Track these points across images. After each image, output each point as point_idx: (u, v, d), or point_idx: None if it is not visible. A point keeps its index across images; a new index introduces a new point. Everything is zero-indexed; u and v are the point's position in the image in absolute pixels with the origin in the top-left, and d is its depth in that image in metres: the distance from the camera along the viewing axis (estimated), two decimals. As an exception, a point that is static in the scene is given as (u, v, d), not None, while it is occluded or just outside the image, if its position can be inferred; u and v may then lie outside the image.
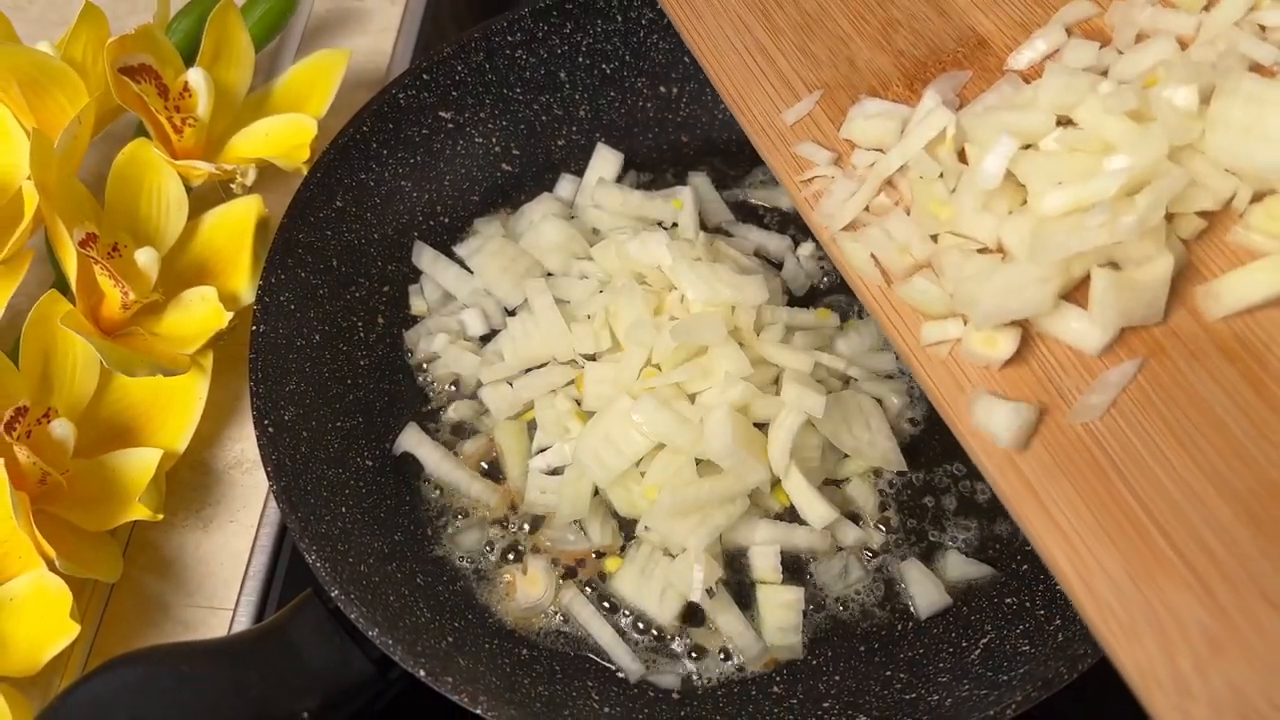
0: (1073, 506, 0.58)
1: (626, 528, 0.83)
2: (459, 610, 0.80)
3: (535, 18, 0.97)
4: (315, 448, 0.81)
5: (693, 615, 0.80)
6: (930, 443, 0.86)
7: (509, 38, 0.97)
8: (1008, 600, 0.80)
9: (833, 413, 0.82)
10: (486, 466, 0.87)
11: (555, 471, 0.84)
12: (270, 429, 0.78)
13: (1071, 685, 0.68)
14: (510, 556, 0.83)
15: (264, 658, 0.71)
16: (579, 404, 0.85)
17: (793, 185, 0.78)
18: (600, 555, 0.83)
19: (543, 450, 0.85)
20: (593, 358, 0.86)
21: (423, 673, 0.68)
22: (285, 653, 0.71)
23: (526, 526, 0.84)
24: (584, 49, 1.00)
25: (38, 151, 0.83)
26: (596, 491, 0.82)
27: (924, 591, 0.80)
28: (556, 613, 0.81)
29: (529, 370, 0.89)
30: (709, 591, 0.78)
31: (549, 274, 0.93)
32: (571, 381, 0.86)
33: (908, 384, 0.89)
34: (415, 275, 0.96)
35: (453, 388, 0.91)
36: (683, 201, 0.93)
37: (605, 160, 1.00)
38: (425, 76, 0.95)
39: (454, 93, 0.97)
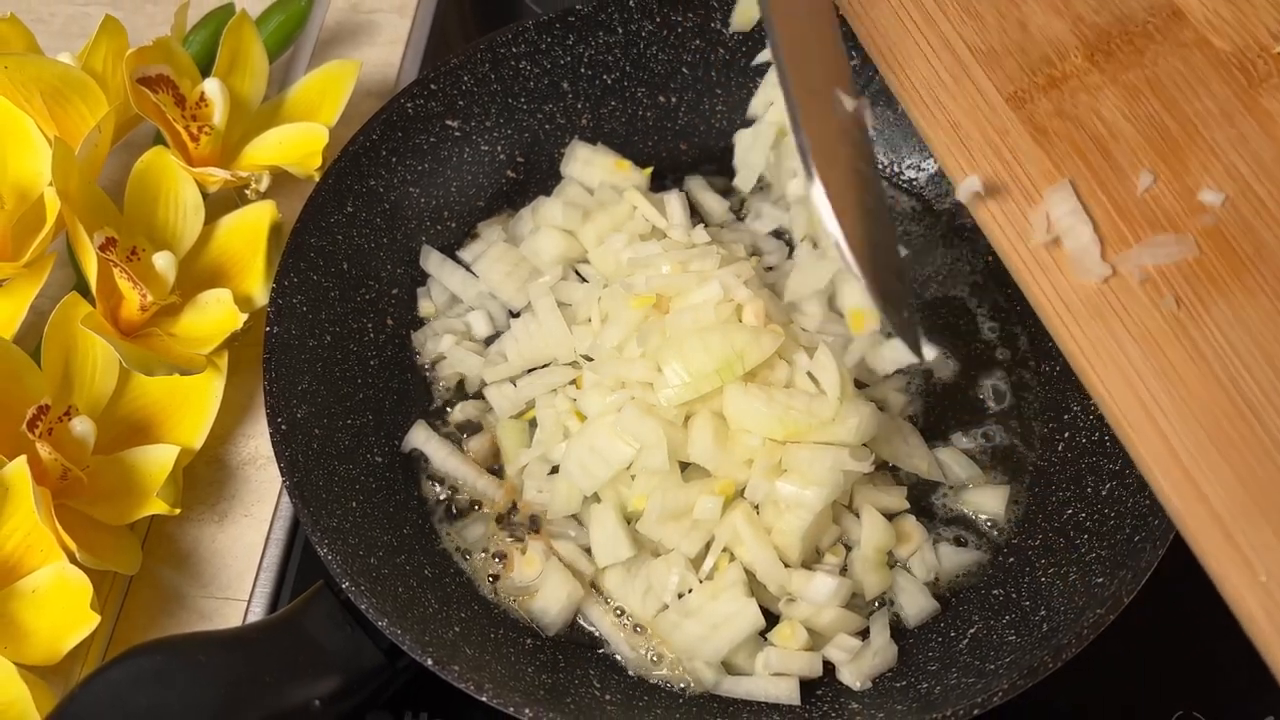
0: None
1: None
2: (465, 601, 0.80)
3: (539, 30, 0.97)
4: (326, 444, 0.81)
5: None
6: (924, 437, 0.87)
7: (513, 49, 0.97)
8: (994, 592, 0.80)
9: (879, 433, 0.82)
10: (493, 464, 0.87)
11: (555, 469, 0.84)
12: (283, 426, 0.78)
13: (1055, 674, 0.68)
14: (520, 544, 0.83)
15: (277, 647, 0.71)
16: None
17: (952, 163, 0.70)
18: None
19: (541, 448, 0.85)
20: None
21: (430, 661, 0.68)
22: (298, 642, 0.71)
23: (529, 520, 0.84)
24: (586, 60, 1.00)
25: (59, 159, 0.83)
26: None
27: (912, 600, 0.80)
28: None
29: (531, 370, 0.89)
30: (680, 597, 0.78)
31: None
32: (573, 381, 0.86)
33: (905, 381, 0.89)
34: (423, 278, 0.96)
35: (459, 387, 0.91)
36: (672, 203, 0.94)
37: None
38: (433, 86, 0.95)
39: (460, 102, 0.97)
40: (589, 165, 0.98)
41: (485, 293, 0.94)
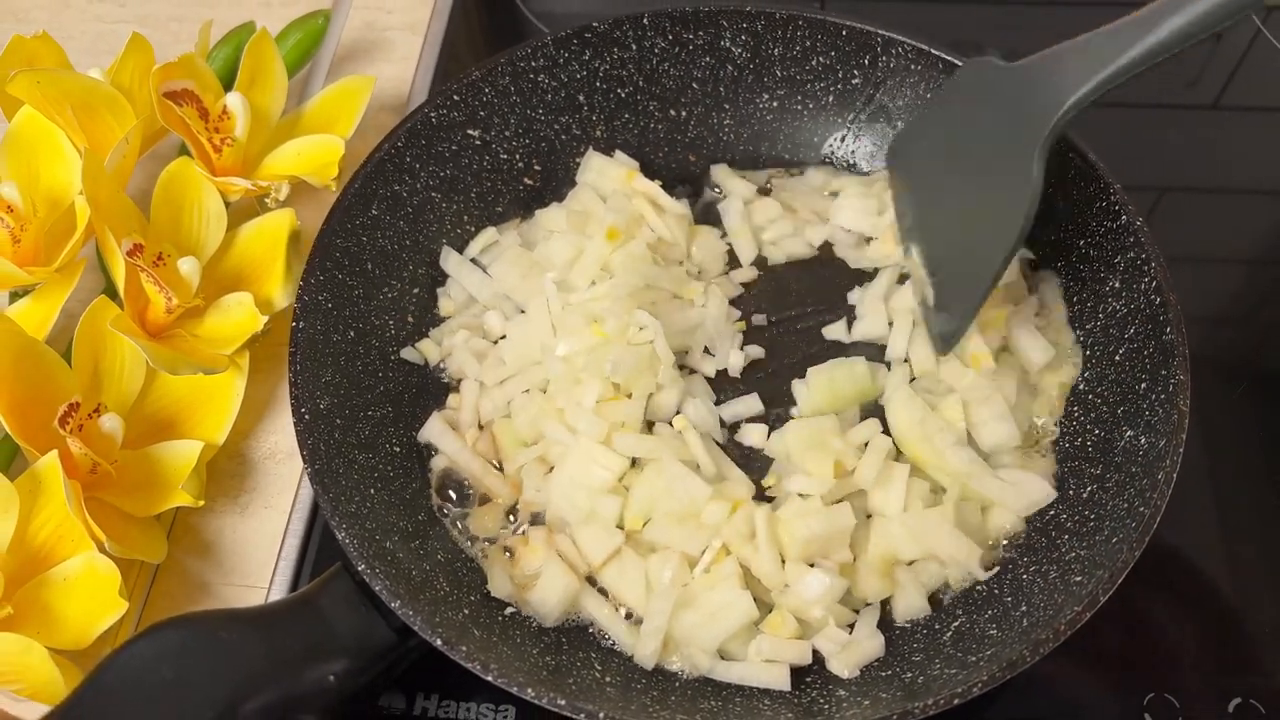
0: None
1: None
2: (474, 586, 0.81)
3: (557, 45, 0.99)
4: (347, 434, 0.82)
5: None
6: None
7: (532, 63, 0.99)
8: (977, 588, 0.81)
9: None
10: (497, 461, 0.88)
11: (553, 469, 0.85)
12: (307, 416, 0.79)
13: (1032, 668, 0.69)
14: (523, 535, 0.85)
15: (296, 625, 0.72)
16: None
17: None
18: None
19: (537, 450, 0.86)
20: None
21: (440, 642, 0.69)
22: (315, 621, 0.72)
23: (531, 516, 0.86)
24: (601, 75, 1.01)
25: (89, 169, 0.85)
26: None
27: (906, 600, 0.81)
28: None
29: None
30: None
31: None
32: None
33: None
34: (443, 279, 0.97)
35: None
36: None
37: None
38: (455, 97, 0.96)
39: (481, 112, 0.98)
40: (603, 175, 1.00)
41: (500, 294, 0.95)
